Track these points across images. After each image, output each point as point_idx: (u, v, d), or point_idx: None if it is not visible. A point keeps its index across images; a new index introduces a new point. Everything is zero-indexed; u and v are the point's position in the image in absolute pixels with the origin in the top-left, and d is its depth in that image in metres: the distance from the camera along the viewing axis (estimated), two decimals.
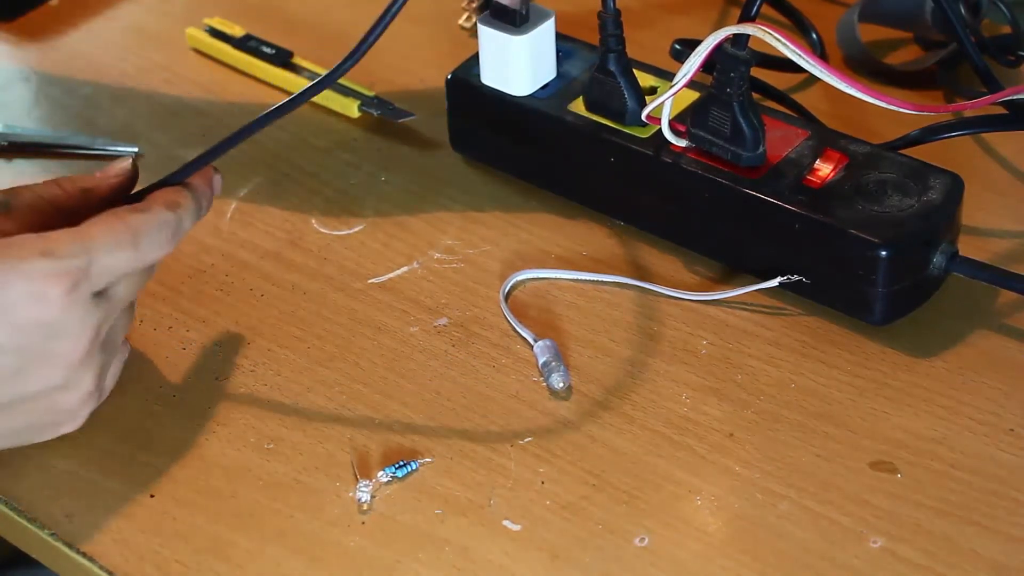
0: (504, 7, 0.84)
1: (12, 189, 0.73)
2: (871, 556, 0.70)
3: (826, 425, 0.75)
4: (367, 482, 0.73)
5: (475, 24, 0.88)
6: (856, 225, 0.77)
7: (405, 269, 0.85)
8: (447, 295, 0.83)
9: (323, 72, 0.95)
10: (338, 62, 0.78)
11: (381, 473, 0.73)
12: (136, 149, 0.92)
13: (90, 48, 1.01)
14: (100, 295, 0.70)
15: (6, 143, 0.92)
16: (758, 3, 0.79)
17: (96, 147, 0.92)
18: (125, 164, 0.75)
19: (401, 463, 0.74)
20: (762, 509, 0.72)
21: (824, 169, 0.80)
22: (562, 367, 0.78)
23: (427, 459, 0.74)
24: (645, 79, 0.85)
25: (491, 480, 0.74)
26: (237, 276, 0.85)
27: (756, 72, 0.82)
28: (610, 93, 0.83)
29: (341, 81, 0.95)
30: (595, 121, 0.84)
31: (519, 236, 0.86)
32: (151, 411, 0.78)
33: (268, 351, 0.80)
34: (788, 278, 0.79)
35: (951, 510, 0.72)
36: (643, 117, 0.82)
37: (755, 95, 0.81)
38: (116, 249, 0.69)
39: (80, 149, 0.92)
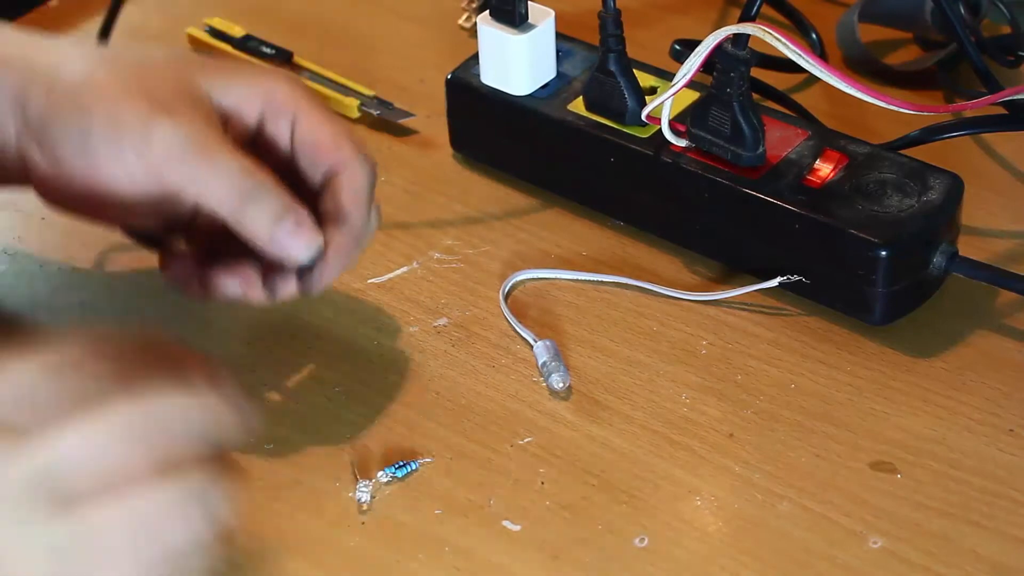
0: (504, 7, 0.84)
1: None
2: (871, 556, 0.70)
3: (826, 425, 0.75)
4: (367, 482, 0.73)
5: (475, 24, 0.88)
6: (856, 225, 0.77)
7: (405, 269, 0.85)
8: (447, 295, 0.83)
9: (324, 72, 0.96)
10: (338, 62, 0.78)
11: (381, 473, 0.73)
12: None
13: None
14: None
15: None
16: (758, 3, 0.79)
17: None
18: None
19: (401, 463, 0.74)
20: (762, 509, 0.72)
21: (824, 169, 0.80)
22: (562, 367, 0.78)
23: (427, 459, 0.74)
24: (645, 79, 0.85)
25: (491, 480, 0.74)
26: None
27: (756, 72, 0.82)
28: (610, 93, 0.83)
29: (341, 81, 0.95)
30: (595, 121, 0.84)
31: (519, 236, 0.86)
32: None
33: (268, 351, 0.80)
34: (788, 278, 0.79)
35: (951, 510, 0.72)
36: (643, 117, 0.82)
37: (755, 95, 0.81)
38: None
39: None
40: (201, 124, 0.70)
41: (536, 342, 0.79)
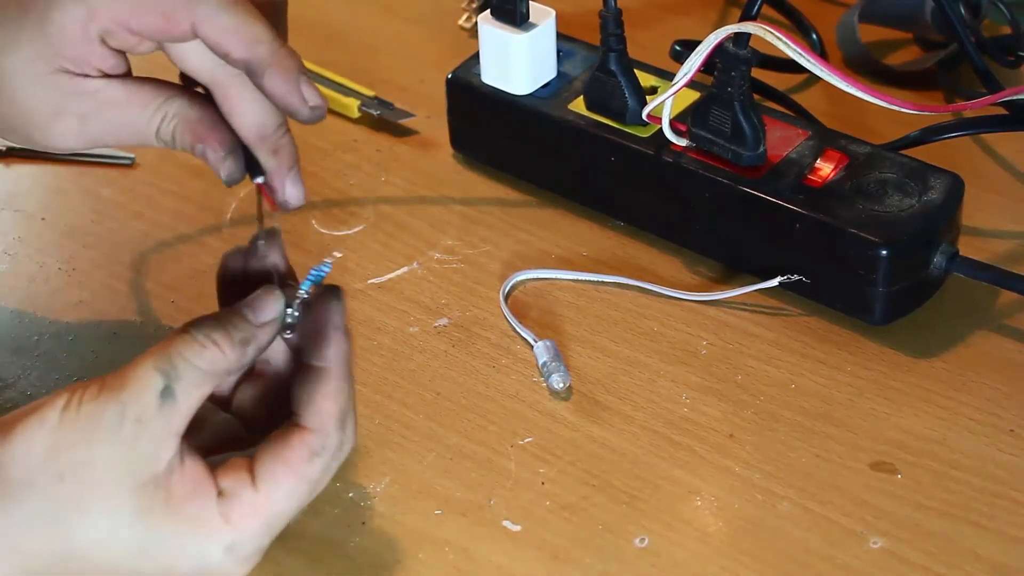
0: (505, 6, 0.84)
1: (172, 363, 0.63)
2: (871, 556, 0.70)
3: (826, 425, 0.75)
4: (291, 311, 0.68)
5: (475, 24, 0.88)
6: (856, 225, 0.77)
7: (405, 269, 0.85)
8: (447, 295, 0.83)
9: (323, 72, 0.96)
10: (338, 62, 0.77)
11: (300, 292, 0.68)
12: (133, 156, 0.92)
13: None
14: None
15: (4, 148, 0.91)
16: (759, 3, 0.79)
17: (94, 152, 0.92)
18: (275, 304, 0.66)
19: (313, 272, 0.68)
20: (762, 509, 0.72)
21: (825, 169, 0.80)
22: (562, 367, 0.78)
23: (335, 255, 0.69)
24: (646, 79, 0.85)
25: (491, 480, 0.74)
26: None
27: (756, 72, 0.82)
28: (611, 92, 0.83)
29: (341, 81, 0.95)
30: (596, 120, 0.84)
31: (519, 236, 0.86)
32: None
33: None
34: (788, 278, 0.79)
35: (951, 510, 0.72)
36: (644, 116, 0.82)
37: (755, 95, 0.81)
38: (298, 511, 0.66)
39: (78, 155, 0.92)
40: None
41: (536, 342, 0.79)
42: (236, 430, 0.68)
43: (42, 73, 0.69)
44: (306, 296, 0.67)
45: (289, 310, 0.67)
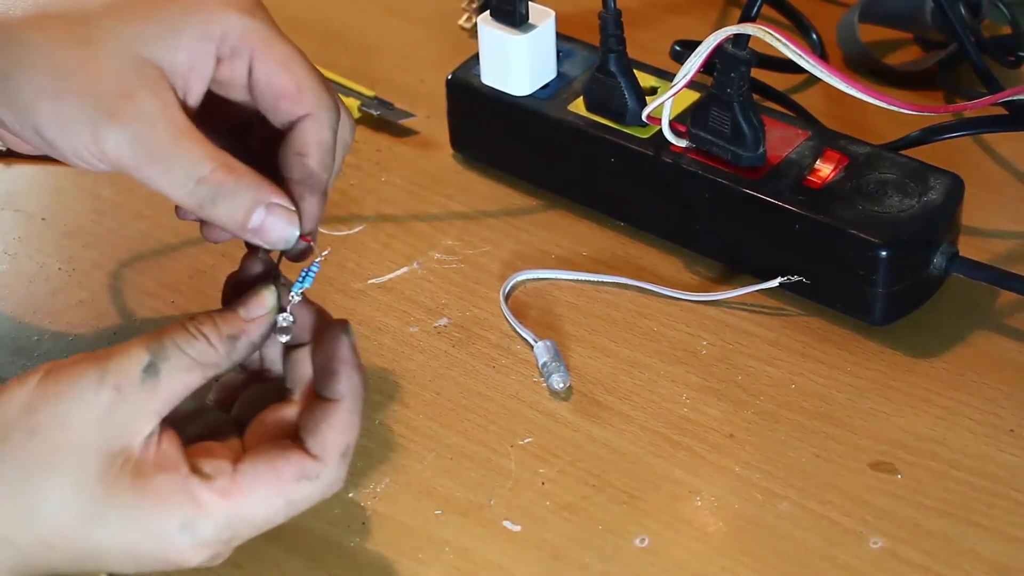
0: (505, 7, 0.84)
1: (161, 344, 0.64)
2: (871, 556, 0.70)
3: (826, 425, 0.75)
4: (284, 315, 0.68)
5: (475, 24, 0.88)
6: (856, 225, 0.77)
7: (405, 269, 0.85)
8: (447, 295, 0.83)
9: (324, 72, 0.95)
10: (338, 62, 0.77)
11: (293, 295, 0.68)
12: None
13: None
14: None
15: (4, 148, 0.91)
16: (758, 3, 0.79)
17: None
18: (265, 299, 0.67)
19: (302, 274, 0.68)
20: (762, 509, 0.72)
21: (824, 169, 0.80)
22: (562, 367, 0.78)
23: (324, 253, 0.70)
24: (645, 79, 0.85)
25: (491, 480, 0.74)
26: None
27: (756, 72, 0.82)
28: (610, 93, 0.83)
29: (341, 81, 0.95)
30: (595, 121, 0.84)
31: (519, 236, 0.86)
32: None
33: None
34: (788, 278, 0.79)
35: (951, 510, 0.72)
36: (643, 117, 0.82)
37: (755, 96, 0.81)
38: (267, 525, 0.65)
39: None
40: (151, 118, 0.66)
41: (536, 342, 0.79)
42: (229, 430, 0.68)
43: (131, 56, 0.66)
44: (299, 299, 0.67)
45: (283, 314, 0.67)
